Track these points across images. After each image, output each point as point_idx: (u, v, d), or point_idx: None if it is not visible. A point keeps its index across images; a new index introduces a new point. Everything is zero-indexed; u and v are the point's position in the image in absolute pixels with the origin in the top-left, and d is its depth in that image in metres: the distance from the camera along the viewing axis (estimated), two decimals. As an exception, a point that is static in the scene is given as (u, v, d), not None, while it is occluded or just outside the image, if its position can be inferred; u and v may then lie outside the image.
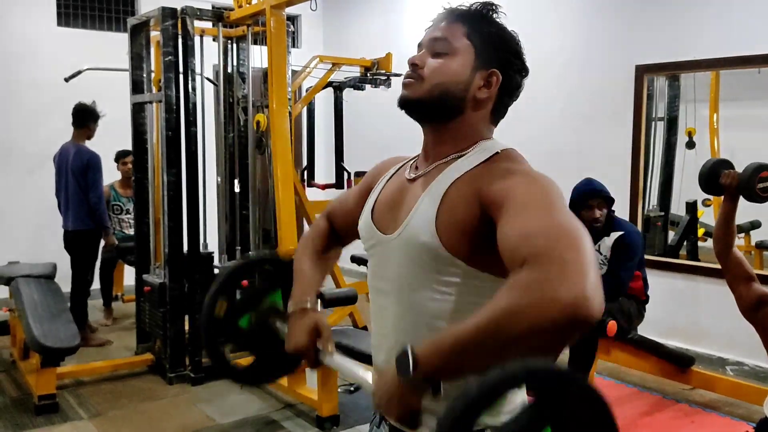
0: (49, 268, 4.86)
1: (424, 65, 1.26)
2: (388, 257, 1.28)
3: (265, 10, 4.08)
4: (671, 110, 5.29)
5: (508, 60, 1.28)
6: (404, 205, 1.27)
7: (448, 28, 1.27)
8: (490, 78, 1.26)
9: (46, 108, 6.22)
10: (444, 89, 1.24)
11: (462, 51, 1.25)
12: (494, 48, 1.27)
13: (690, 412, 3.93)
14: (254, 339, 1.52)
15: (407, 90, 1.27)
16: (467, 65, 1.25)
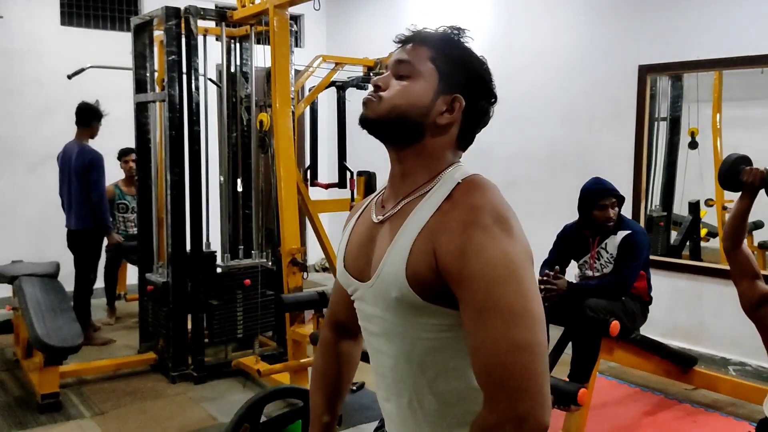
0: (52, 267, 4.87)
1: (387, 87, 1.24)
2: (369, 304, 1.26)
3: (268, 9, 4.08)
4: (674, 110, 5.28)
5: (473, 85, 1.24)
6: (375, 251, 1.25)
7: (412, 50, 1.24)
8: (453, 103, 1.22)
9: (50, 107, 6.23)
10: (401, 111, 1.21)
11: (425, 75, 1.22)
12: (459, 73, 1.23)
13: (692, 412, 3.93)
14: None
15: (365, 109, 1.25)
16: (430, 89, 1.22)
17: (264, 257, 4.65)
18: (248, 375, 4.33)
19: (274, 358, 4.51)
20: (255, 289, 4.46)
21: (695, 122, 5.13)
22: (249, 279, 4.43)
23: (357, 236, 1.33)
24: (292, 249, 4.09)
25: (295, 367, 4.01)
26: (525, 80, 5.65)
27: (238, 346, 4.72)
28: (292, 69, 4.31)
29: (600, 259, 3.79)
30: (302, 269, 4.18)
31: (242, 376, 4.39)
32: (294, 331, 4.09)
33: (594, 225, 3.77)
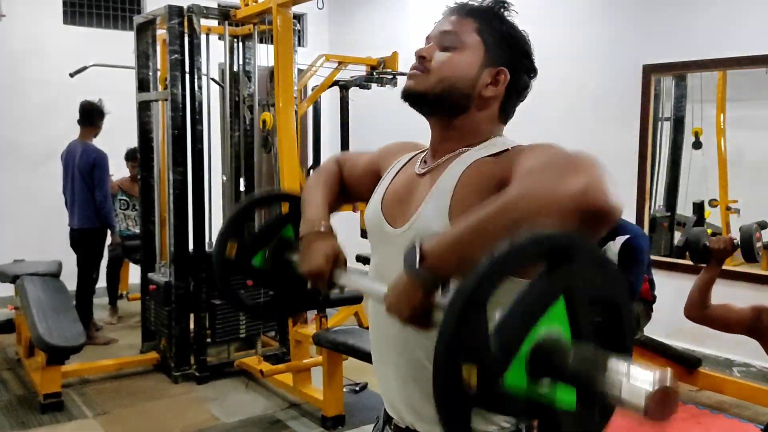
0: (54, 266, 4.87)
1: (432, 58, 1.24)
2: (393, 253, 1.24)
3: (271, 8, 4.07)
4: (678, 110, 5.27)
5: (517, 59, 1.26)
6: (413, 200, 1.25)
7: (458, 22, 1.25)
8: (498, 76, 1.23)
9: (53, 106, 6.22)
10: (450, 84, 1.22)
11: (471, 46, 1.23)
12: (504, 46, 1.24)
13: (697, 413, 3.91)
14: (270, 276, 1.51)
15: (412, 81, 1.25)
16: (476, 61, 1.23)
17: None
18: (251, 375, 4.32)
19: (276, 358, 4.50)
20: (258, 289, 4.43)
21: (699, 122, 5.11)
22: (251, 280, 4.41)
23: (397, 185, 1.33)
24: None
25: (297, 368, 3.99)
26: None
27: (241, 346, 4.70)
28: (295, 68, 4.29)
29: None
30: (305, 269, 4.17)
31: (245, 376, 4.38)
32: (296, 332, 4.08)
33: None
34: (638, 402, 0.77)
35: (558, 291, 0.88)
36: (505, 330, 0.85)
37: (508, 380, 0.85)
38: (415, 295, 1.01)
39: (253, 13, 4.31)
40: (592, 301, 0.91)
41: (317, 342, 3.69)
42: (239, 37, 4.75)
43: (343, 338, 3.53)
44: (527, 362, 0.86)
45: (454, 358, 0.84)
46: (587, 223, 0.92)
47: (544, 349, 0.87)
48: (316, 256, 1.27)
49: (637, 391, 0.78)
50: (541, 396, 0.87)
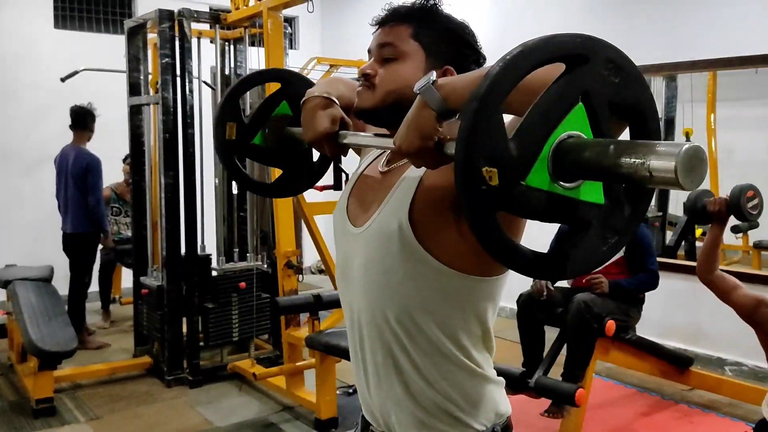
0: (46, 271, 4.85)
1: (376, 73, 1.23)
2: (354, 251, 1.26)
3: (262, 12, 4.08)
4: (669, 111, 5.29)
5: (460, 53, 1.23)
6: (375, 199, 1.25)
7: (393, 31, 1.23)
8: (445, 75, 1.21)
9: (44, 110, 6.20)
10: (397, 96, 1.20)
11: (411, 53, 1.21)
12: (444, 44, 1.22)
13: (689, 412, 3.93)
14: (274, 152, 1.49)
15: (360, 100, 1.24)
16: (418, 67, 1.21)
17: (259, 260, 4.63)
18: (244, 378, 4.31)
19: (270, 362, 4.49)
20: (250, 292, 4.45)
21: (690, 122, 5.13)
22: (244, 282, 4.42)
23: (362, 183, 1.33)
24: (287, 252, 4.09)
25: (291, 371, 3.99)
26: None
27: (234, 349, 4.70)
28: (287, 71, 4.29)
29: None
30: (297, 272, 4.18)
31: (238, 380, 4.38)
32: (289, 335, 4.08)
33: None
34: (668, 164, 0.76)
35: (576, 93, 0.87)
36: (524, 133, 0.85)
37: (531, 181, 0.86)
38: (427, 120, 0.99)
39: (244, 17, 4.31)
40: (613, 105, 0.90)
41: (310, 345, 3.69)
42: (230, 41, 4.75)
43: (335, 341, 3.53)
44: (549, 162, 0.86)
45: (475, 161, 0.84)
46: None
47: (566, 147, 0.86)
48: (321, 119, 1.24)
49: (666, 156, 0.77)
50: (566, 192, 0.88)
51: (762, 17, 4.38)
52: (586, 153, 0.85)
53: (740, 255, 5.09)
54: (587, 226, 0.89)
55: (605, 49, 0.90)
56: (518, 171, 0.85)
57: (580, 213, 0.89)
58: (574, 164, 0.86)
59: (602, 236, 0.91)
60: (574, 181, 0.88)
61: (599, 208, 0.90)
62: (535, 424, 3.58)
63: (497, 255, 0.89)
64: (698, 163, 0.77)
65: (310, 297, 3.77)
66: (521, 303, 3.68)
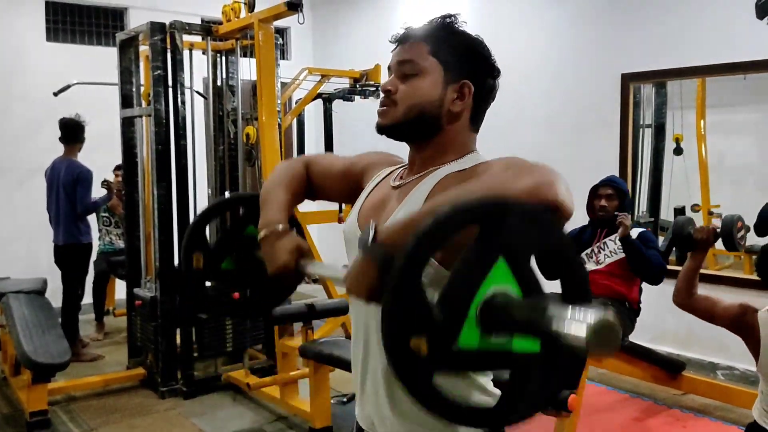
0: (39, 284, 4.85)
1: (397, 90, 1.28)
2: None
3: (253, 24, 4.10)
4: (658, 117, 5.33)
5: (477, 67, 1.29)
6: (385, 213, 1.29)
7: (411, 48, 1.28)
8: (463, 90, 1.27)
9: (36, 122, 6.21)
10: (418, 110, 1.26)
11: (430, 70, 1.27)
12: (461, 59, 1.28)
13: (682, 417, 3.95)
14: (242, 276, 1.54)
15: (382, 117, 1.30)
16: (437, 83, 1.26)
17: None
18: (238, 389, 4.31)
19: (264, 371, 4.49)
20: (244, 302, 4.43)
21: (680, 128, 5.18)
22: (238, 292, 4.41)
23: (373, 199, 1.37)
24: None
25: (284, 380, 4.00)
26: (508, 88, 5.62)
27: (228, 359, 4.70)
28: (278, 82, 4.32)
29: (605, 249, 3.83)
30: (291, 281, 4.17)
31: (232, 390, 4.37)
32: (283, 344, 4.08)
33: (596, 218, 3.87)
34: (580, 337, 0.80)
35: (496, 251, 0.91)
36: (449, 298, 0.88)
37: (462, 342, 0.88)
38: (369, 272, 1.03)
39: (235, 29, 4.33)
40: (536, 255, 0.94)
41: (303, 354, 3.69)
42: (222, 52, 4.77)
43: (329, 350, 3.54)
44: (478, 321, 0.89)
45: (402, 336, 0.86)
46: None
47: (491, 307, 0.89)
48: (279, 253, 1.30)
49: (577, 328, 0.80)
50: (497, 347, 0.90)
51: (749, 24, 4.43)
52: (509, 316, 0.89)
53: (732, 260, 5.11)
54: (527, 373, 0.92)
55: (521, 207, 0.94)
56: (447, 335, 0.88)
57: (517, 362, 0.92)
58: (500, 323, 0.89)
59: (544, 382, 0.94)
60: (505, 336, 0.91)
61: (535, 356, 0.92)
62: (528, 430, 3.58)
63: (445, 417, 0.93)
64: (610, 334, 0.80)
65: (304, 306, 3.78)
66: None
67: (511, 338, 0.90)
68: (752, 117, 5.08)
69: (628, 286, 3.84)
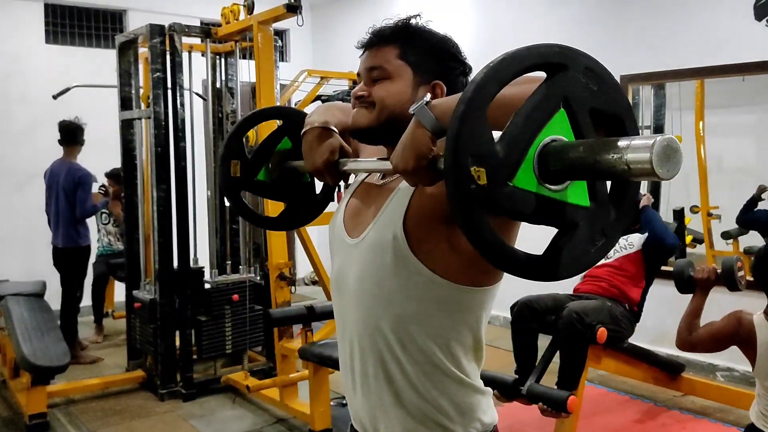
0: (38, 286, 4.84)
1: (369, 94, 1.27)
2: (349, 262, 1.28)
3: (252, 26, 4.11)
4: (658, 118, 5.33)
5: (446, 67, 1.28)
6: (370, 211, 1.28)
7: (379, 53, 1.27)
8: (435, 90, 1.25)
9: (35, 125, 6.21)
10: (390, 112, 1.24)
11: (399, 73, 1.25)
12: (429, 60, 1.26)
13: (681, 418, 3.95)
14: (278, 187, 1.54)
15: (356, 120, 1.28)
16: (407, 85, 1.25)
17: (252, 272, 4.64)
18: (238, 391, 4.31)
19: (263, 373, 4.49)
20: (243, 304, 4.45)
21: (679, 130, 5.17)
22: (237, 294, 4.42)
23: (357, 196, 1.36)
24: (279, 263, 4.10)
25: (284, 382, 3.99)
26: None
27: (227, 361, 4.70)
28: (278, 83, 4.32)
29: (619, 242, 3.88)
30: (290, 284, 4.19)
31: (231, 392, 4.37)
32: (283, 346, 4.08)
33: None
34: (644, 157, 0.80)
35: (557, 99, 0.91)
36: (510, 136, 0.89)
37: (519, 182, 0.89)
38: (421, 139, 1.03)
39: (235, 31, 4.34)
40: (593, 111, 0.94)
41: (303, 356, 3.69)
42: (221, 54, 4.78)
43: (329, 352, 3.54)
44: (535, 165, 0.90)
45: (464, 160, 0.87)
46: None
47: (550, 150, 0.90)
48: (320, 150, 1.29)
49: (641, 149, 0.81)
50: (554, 194, 0.91)
51: (748, 25, 4.43)
52: (569, 153, 0.89)
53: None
54: (574, 228, 0.92)
55: (583, 58, 0.94)
56: (505, 171, 0.88)
57: (566, 215, 0.92)
58: (558, 165, 0.90)
59: (590, 238, 0.94)
60: (560, 184, 0.91)
61: (585, 210, 0.93)
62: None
63: (488, 256, 0.92)
64: (672, 153, 0.81)
65: (303, 308, 3.78)
66: (515, 311, 3.69)
67: (565, 189, 0.91)
68: (751, 118, 5.08)
69: (631, 286, 3.84)
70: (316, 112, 1.40)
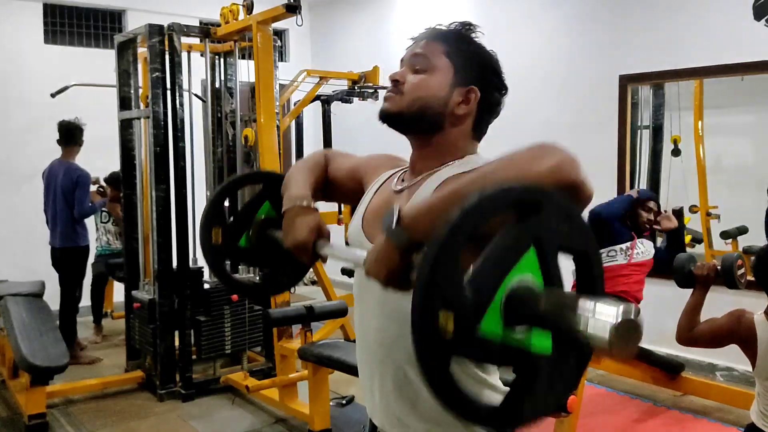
0: (37, 287, 4.84)
1: (405, 81, 1.29)
2: None
3: (251, 26, 4.10)
4: (656, 118, 5.33)
5: (486, 77, 1.31)
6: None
7: (428, 46, 1.30)
8: (469, 94, 1.29)
9: (35, 125, 6.20)
10: (423, 103, 1.27)
11: (441, 68, 1.28)
12: (472, 66, 1.30)
13: (681, 418, 3.95)
14: (258, 254, 1.53)
15: (387, 103, 1.31)
16: (446, 82, 1.28)
17: (251, 272, 4.64)
18: (237, 391, 4.30)
19: (263, 374, 4.49)
20: (242, 304, 4.44)
21: (677, 130, 5.18)
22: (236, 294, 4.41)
23: (376, 203, 1.37)
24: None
25: (283, 382, 3.99)
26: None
27: (227, 362, 4.69)
28: (277, 84, 4.32)
29: (639, 248, 3.98)
30: (289, 284, 4.17)
31: (231, 392, 4.37)
32: (282, 346, 4.08)
33: (643, 230, 4.04)
34: (603, 336, 0.80)
35: (528, 240, 0.91)
36: (479, 279, 0.88)
37: (484, 327, 0.88)
38: (391, 255, 1.03)
39: (234, 31, 4.33)
40: (561, 247, 0.94)
41: (303, 356, 3.69)
42: (220, 54, 4.77)
43: (328, 352, 3.54)
44: (502, 309, 0.89)
45: (431, 305, 0.86)
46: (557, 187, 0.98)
47: (517, 296, 0.90)
48: (299, 229, 1.31)
49: (601, 325, 0.80)
50: (517, 341, 0.90)
51: (747, 25, 4.43)
52: (534, 307, 0.89)
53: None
54: (534, 376, 0.92)
55: (556, 199, 0.94)
56: (473, 316, 0.88)
57: (528, 362, 0.92)
58: (523, 314, 0.90)
59: (550, 386, 0.94)
60: (524, 329, 0.91)
61: (547, 358, 0.92)
62: None
63: (452, 409, 0.91)
64: (632, 332, 0.80)
65: (302, 309, 3.78)
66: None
67: (530, 334, 0.90)
68: (750, 118, 5.09)
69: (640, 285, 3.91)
70: (292, 183, 1.41)
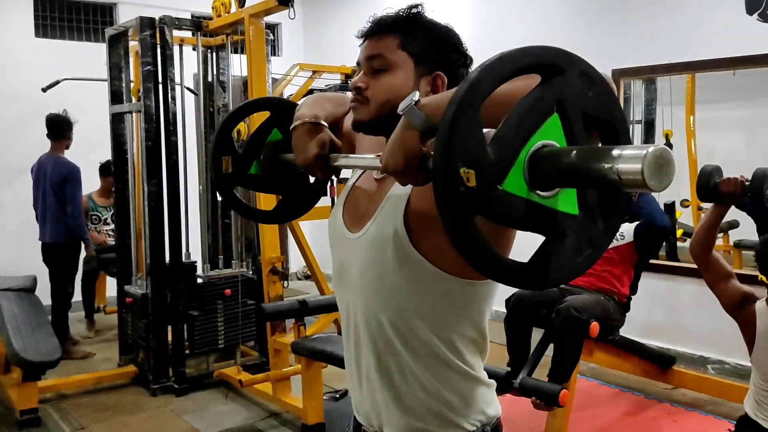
0: (29, 281, 4.81)
1: (368, 86, 1.25)
2: (350, 256, 1.27)
3: (243, 19, 4.09)
4: (648, 113, 5.35)
5: (448, 58, 1.26)
6: (371, 205, 1.27)
7: (380, 43, 1.25)
8: (436, 81, 1.24)
9: (25, 119, 6.16)
10: (391, 106, 1.20)
11: (400, 63, 1.23)
12: (431, 50, 1.24)
13: (672, 411, 3.97)
14: (270, 180, 1.52)
15: (357, 113, 1.26)
16: (409, 76, 1.23)
17: (244, 267, 4.63)
18: (230, 385, 4.30)
19: (256, 368, 4.49)
20: (235, 298, 4.44)
21: (669, 124, 5.19)
22: (229, 289, 4.41)
23: (357, 190, 1.34)
24: (271, 258, 4.09)
25: (277, 377, 3.99)
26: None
27: (220, 356, 4.68)
28: (269, 78, 4.30)
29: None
30: (282, 278, 4.17)
31: (224, 387, 4.37)
32: (275, 341, 4.08)
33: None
34: (636, 167, 0.79)
35: (551, 102, 0.89)
36: (502, 139, 0.87)
37: (508, 186, 0.87)
38: (409, 139, 1.01)
39: (226, 24, 4.31)
40: (586, 116, 0.92)
41: (296, 350, 3.69)
42: (212, 48, 4.75)
43: (321, 346, 3.54)
44: (525, 171, 0.88)
45: (453, 161, 0.85)
46: None
47: (541, 155, 0.88)
48: (310, 145, 1.29)
49: (632, 160, 0.79)
50: (543, 200, 0.89)
51: (739, 19, 4.45)
52: (560, 160, 0.88)
53: (721, 254, 5.13)
54: (563, 237, 0.91)
55: (579, 62, 0.92)
56: (495, 175, 0.86)
57: (555, 223, 0.90)
58: (548, 171, 0.88)
59: (577, 247, 0.92)
60: (550, 190, 0.90)
61: (574, 219, 0.91)
62: (520, 425, 3.61)
63: (473, 261, 0.89)
64: (665, 164, 0.80)
65: (296, 303, 3.77)
66: (510, 305, 3.71)
67: (555, 197, 0.89)
68: (741, 113, 5.10)
69: (623, 278, 3.86)
70: (305, 105, 1.38)
